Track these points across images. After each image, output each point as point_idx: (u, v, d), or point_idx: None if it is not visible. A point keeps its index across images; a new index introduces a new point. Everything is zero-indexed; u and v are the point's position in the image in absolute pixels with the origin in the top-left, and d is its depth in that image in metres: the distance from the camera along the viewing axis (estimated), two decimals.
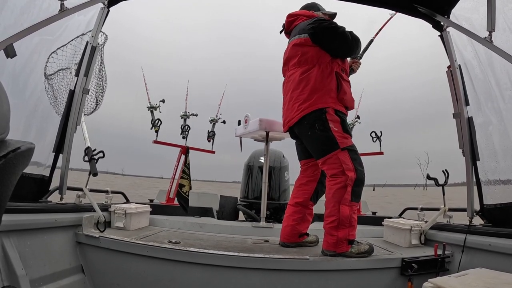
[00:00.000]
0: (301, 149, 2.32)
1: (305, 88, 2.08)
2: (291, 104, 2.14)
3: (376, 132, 3.62)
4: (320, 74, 2.07)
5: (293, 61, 2.19)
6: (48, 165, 2.17)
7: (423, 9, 2.27)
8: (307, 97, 2.06)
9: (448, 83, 2.26)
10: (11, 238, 1.54)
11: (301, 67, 2.14)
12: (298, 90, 2.11)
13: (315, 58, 2.10)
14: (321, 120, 2.02)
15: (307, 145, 2.18)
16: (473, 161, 2.12)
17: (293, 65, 2.19)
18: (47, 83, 2.20)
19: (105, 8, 2.31)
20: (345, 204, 1.92)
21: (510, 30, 1.88)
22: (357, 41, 2.19)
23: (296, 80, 2.13)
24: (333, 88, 2.07)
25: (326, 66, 2.09)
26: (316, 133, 2.04)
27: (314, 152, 2.13)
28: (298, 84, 2.11)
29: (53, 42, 2.18)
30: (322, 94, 2.05)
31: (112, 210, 2.36)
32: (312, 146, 2.13)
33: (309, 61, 2.12)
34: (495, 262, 1.66)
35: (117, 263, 1.96)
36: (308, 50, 2.12)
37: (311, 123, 2.05)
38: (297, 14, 2.33)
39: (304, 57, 2.13)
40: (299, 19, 2.27)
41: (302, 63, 2.14)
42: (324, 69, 2.08)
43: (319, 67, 2.09)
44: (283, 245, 2.23)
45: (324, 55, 2.10)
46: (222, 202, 3.85)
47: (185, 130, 3.83)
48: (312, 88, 2.06)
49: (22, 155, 0.46)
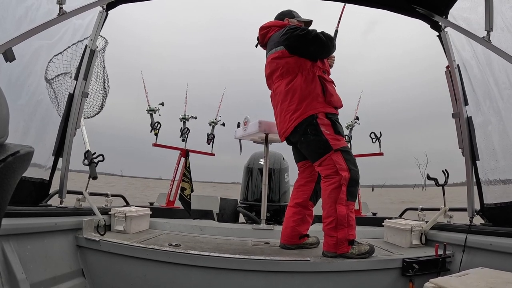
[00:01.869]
0: (296, 152, 2.35)
1: (292, 99, 2.12)
2: (283, 115, 2.17)
3: (375, 133, 3.62)
4: (304, 81, 2.11)
5: (276, 74, 2.23)
6: (48, 168, 2.17)
7: (421, 10, 2.27)
8: (296, 107, 2.10)
9: (447, 83, 2.27)
10: (11, 242, 1.54)
11: (284, 78, 2.18)
12: (287, 102, 2.14)
13: (296, 67, 2.14)
14: (313, 125, 2.06)
15: (302, 151, 2.22)
16: (473, 161, 2.12)
17: (277, 77, 2.23)
18: (50, 87, 2.21)
19: (103, 12, 2.31)
20: (341, 203, 1.94)
21: (508, 29, 1.88)
22: (331, 40, 2.21)
23: (283, 92, 2.16)
24: (319, 93, 2.11)
25: (308, 72, 2.13)
26: (309, 138, 2.07)
27: (309, 156, 2.17)
28: (285, 96, 2.15)
29: (52, 46, 2.18)
30: (310, 101, 2.09)
31: (112, 214, 2.36)
32: (307, 150, 2.16)
33: (290, 71, 2.16)
34: (496, 261, 1.66)
35: (117, 267, 1.95)
36: (287, 61, 2.16)
37: (304, 129, 2.08)
38: (268, 25, 2.36)
39: (285, 68, 2.17)
40: (272, 31, 2.32)
41: (285, 74, 2.18)
42: (307, 76, 2.12)
43: (301, 75, 2.13)
44: (283, 247, 2.22)
45: (304, 62, 2.14)
46: (222, 204, 3.85)
47: (185, 133, 3.83)
48: (299, 97, 2.10)
49: (22, 158, 0.46)
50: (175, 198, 3.55)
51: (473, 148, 2.12)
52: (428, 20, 2.31)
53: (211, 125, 4.22)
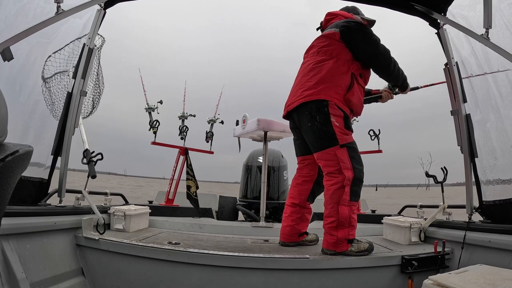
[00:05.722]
0: (298, 145, 2.28)
1: (314, 76, 2.05)
2: (296, 89, 2.13)
3: (374, 130, 3.63)
4: (335, 68, 2.03)
5: (314, 50, 2.18)
6: (46, 167, 2.17)
7: (420, 7, 2.27)
8: (313, 85, 2.03)
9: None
10: (10, 241, 1.54)
11: (319, 56, 2.12)
12: (307, 77, 2.09)
13: (335, 52, 2.07)
14: (323, 113, 1.98)
15: (305, 136, 2.13)
16: (472, 158, 2.12)
17: (313, 53, 2.18)
18: (45, 86, 2.19)
19: (101, 10, 2.30)
20: (344, 204, 1.91)
21: (506, 27, 1.88)
22: (386, 56, 2.09)
23: (309, 67, 2.11)
24: (342, 85, 2.02)
25: (344, 63, 2.05)
26: (317, 126, 2.00)
27: (311, 144, 2.09)
28: (309, 71, 2.10)
29: (50, 44, 2.17)
30: (328, 86, 2.01)
31: (112, 212, 2.36)
32: (310, 138, 2.08)
33: (328, 53, 2.09)
34: (495, 258, 1.67)
35: (117, 265, 1.95)
36: (332, 42, 2.10)
37: (313, 114, 2.01)
38: (336, 13, 2.31)
39: (325, 48, 2.11)
40: (337, 18, 2.25)
41: (321, 53, 2.12)
42: (340, 65, 2.04)
43: (336, 62, 2.05)
44: (282, 245, 2.23)
45: (345, 52, 2.06)
46: (222, 202, 3.85)
47: (183, 131, 3.83)
48: (321, 78, 2.03)
49: (21, 158, 0.46)
50: (174, 196, 3.56)
51: (471, 146, 2.12)
52: (427, 18, 2.31)
53: (209, 123, 4.22)
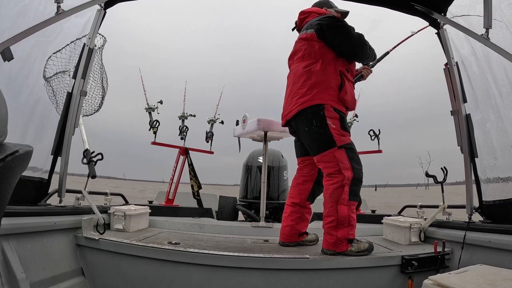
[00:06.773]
0: (298, 146, 2.31)
1: (305, 82, 2.07)
2: (291, 97, 2.14)
3: (374, 130, 3.63)
4: (323, 70, 2.05)
5: (298, 55, 2.18)
6: (46, 167, 2.17)
7: (420, 7, 2.27)
8: (306, 92, 2.04)
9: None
10: (10, 241, 1.54)
11: (304, 61, 2.13)
12: (299, 84, 2.10)
13: (319, 54, 2.09)
14: (319, 117, 2.00)
15: (303, 141, 2.16)
16: (472, 158, 2.12)
17: (298, 58, 2.18)
18: (48, 85, 2.20)
19: (101, 10, 2.30)
20: (343, 204, 1.92)
21: (506, 27, 1.88)
22: (362, 45, 2.14)
23: (298, 73, 2.12)
24: (334, 86, 2.04)
25: (330, 63, 2.07)
26: (313, 130, 2.02)
27: (310, 148, 2.11)
28: (299, 78, 2.11)
29: (50, 44, 2.17)
30: (321, 89, 2.03)
31: (112, 212, 2.36)
32: (309, 142, 2.11)
33: (312, 56, 2.10)
34: (495, 258, 1.67)
35: (117, 265, 1.95)
36: (312, 44, 2.11)
37: (309, 119, 2.03)
38: (308, 11, 2.32)
39: (307, 51, 2.12)
40: (310, 16, 2.26)
41: (306, 57, 2.13)
42: (327, 66, 2.06)
43: (322, 63, 2.07)
44: (282, 245, 2.23)
45: (328, 52, 2.08)
46: (222, 202, 3.85)
47: (184, 131, 3.82)
48: (312, 83, 2.04)
49: (21, 158, 0.46)
50: (174, 196, 3.56)
51: (472, 145, 2.12)
52: (427, 18, 2.31)
53: (209, 123, 4.22)
